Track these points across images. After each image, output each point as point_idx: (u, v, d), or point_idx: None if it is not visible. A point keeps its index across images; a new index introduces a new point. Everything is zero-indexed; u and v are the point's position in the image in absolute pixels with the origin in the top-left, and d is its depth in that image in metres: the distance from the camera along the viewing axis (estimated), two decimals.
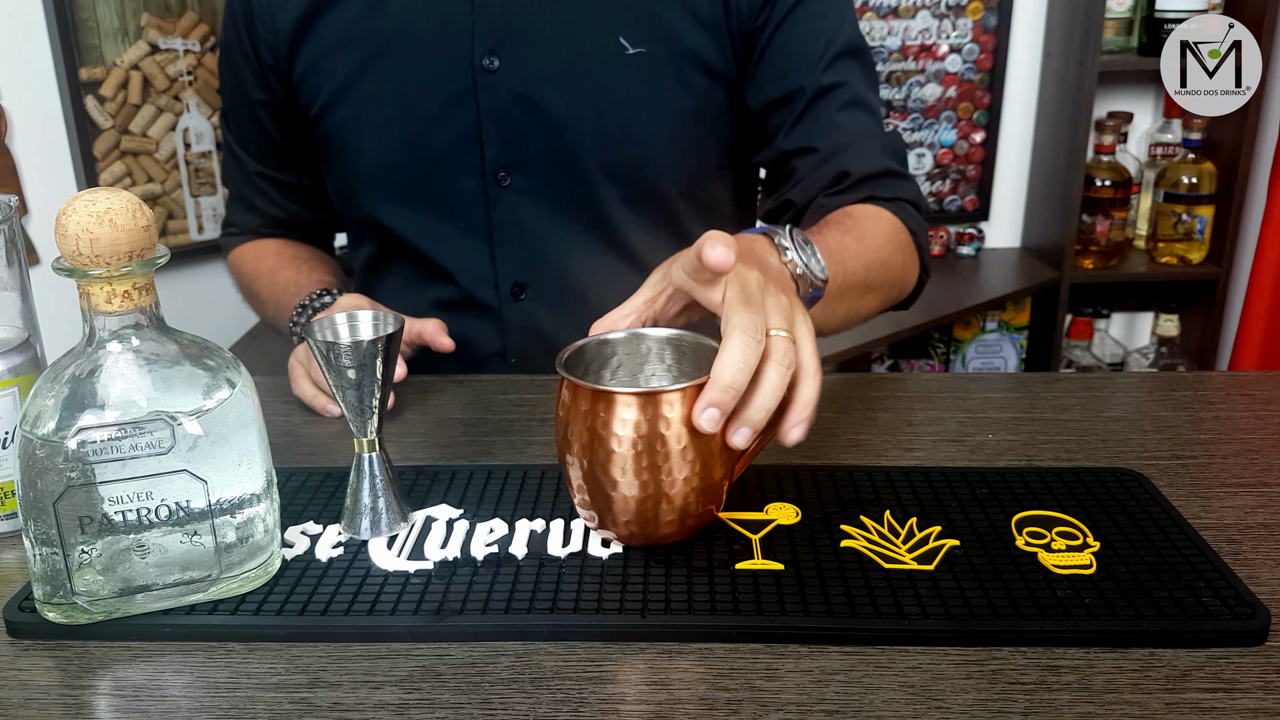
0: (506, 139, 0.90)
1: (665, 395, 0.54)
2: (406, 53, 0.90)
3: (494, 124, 0.90)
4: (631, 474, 0.54)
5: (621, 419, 0.54)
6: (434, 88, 0.90)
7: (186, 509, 0.53)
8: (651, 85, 0.90)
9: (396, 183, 0.94)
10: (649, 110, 0.90)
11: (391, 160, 0.93)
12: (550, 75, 0.89)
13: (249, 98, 0.98)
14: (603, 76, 0.89)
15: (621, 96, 0.90)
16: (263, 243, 1.07)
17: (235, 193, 1.07)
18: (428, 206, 0.94)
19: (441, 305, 0.97)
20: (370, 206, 0.96)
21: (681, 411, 0.54)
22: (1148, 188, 2.09)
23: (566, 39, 0.89)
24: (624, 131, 0.90)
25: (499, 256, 0.94)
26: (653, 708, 0.47)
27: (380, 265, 1.00)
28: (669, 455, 0.54)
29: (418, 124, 0.91)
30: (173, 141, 1.82)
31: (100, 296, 0.51)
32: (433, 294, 0.97)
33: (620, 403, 0.54)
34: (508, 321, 0.96)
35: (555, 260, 0.94)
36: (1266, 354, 1.93)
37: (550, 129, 0.90)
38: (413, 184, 0.93)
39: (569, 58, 0.89)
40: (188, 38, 1.81)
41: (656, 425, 0.54)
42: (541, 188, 0.92)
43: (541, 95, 0.89)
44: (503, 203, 0.92)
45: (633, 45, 0.89)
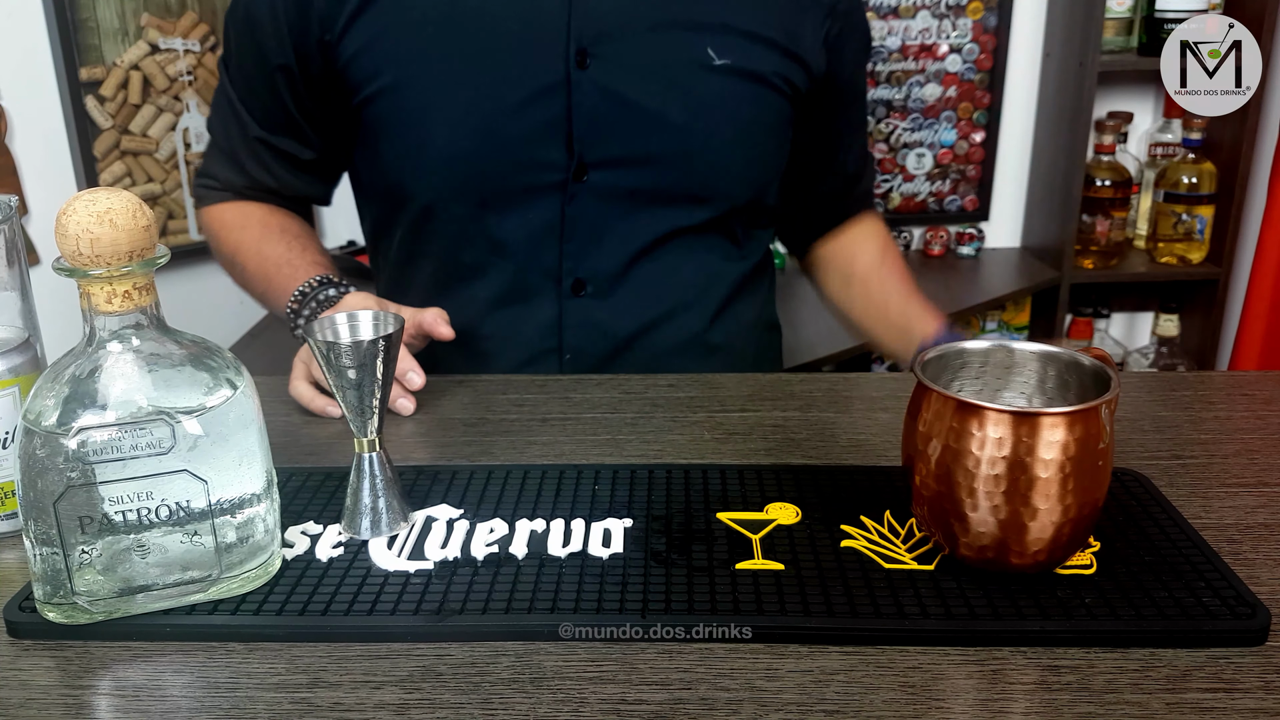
0: (594, 136, 0.91)
1: (1085, 414, 0.52)
2: (491, 42, 0.89)
3: (583, 120, 0.90)
4: (1056, 499, 0.52)
5: (1048, 441, 0.51)
6: (520, 80, 0.89)
7: (187, 509, 0.53)
8: (734, 96, 0.93)
9: (463, 173, 0.92)
10: (730, 120, 0.93)
11: (462, 150, 0.91)
12: (641, 75, 0.90)
13: (267, 61, 0.94)
14: (689, 81, 0.91)
15: (707, 104, 0.92)
16: (245, 206, 1.02)
17: (224, 149, 1.02)
18: (495, 198, 0.93)
19: (492, 300, 0.96)
20: (428, 195, 0.94)
21: (1096, 430, 0.52)
22: (1148, 188, 2.09)
23: (659, 42, 0.91)
24: (706, 139, 0.93)
25: (566, 252, 0.94)
26: (653, 708, 0.47)
27: (421, 254, 0.98)
28: (1096, 472, 0.53)
29: (497, 115, 0.90)
30: (173, 141, 1.82)
31: (100, 296, 0.51)
32: (484, 288, 0.96)
33: (1046, 424, 0.51)
34: (567, 318, 0.95)
35: (619, 258, 0.95)
36: (1266, 354, 1.92)
37: (638, 129, 0.91)
38: (482, 175, 0.92)
39: (660, 61, 0.91)
40: (188, 38, 1.81)
41: (1085, 445, 0.52)
42: (619, 186, 0.92)
43: (633, 95, 0.90)
44: (579, 199, 0.92)
45: (719, 57, 0.91)
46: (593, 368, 0.95)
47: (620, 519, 0.62)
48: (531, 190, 0.92)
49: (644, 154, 0.92)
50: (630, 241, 0.94)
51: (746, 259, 1.01)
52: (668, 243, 0.95)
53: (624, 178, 0.92)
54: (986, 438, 0.52)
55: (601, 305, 0.95)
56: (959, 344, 0.60)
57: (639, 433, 0.75)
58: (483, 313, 0.96)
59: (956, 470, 0.53)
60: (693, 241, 0.96)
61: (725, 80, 0.92)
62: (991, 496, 0.52)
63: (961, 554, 0.55)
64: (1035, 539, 0.53)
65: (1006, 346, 0.60)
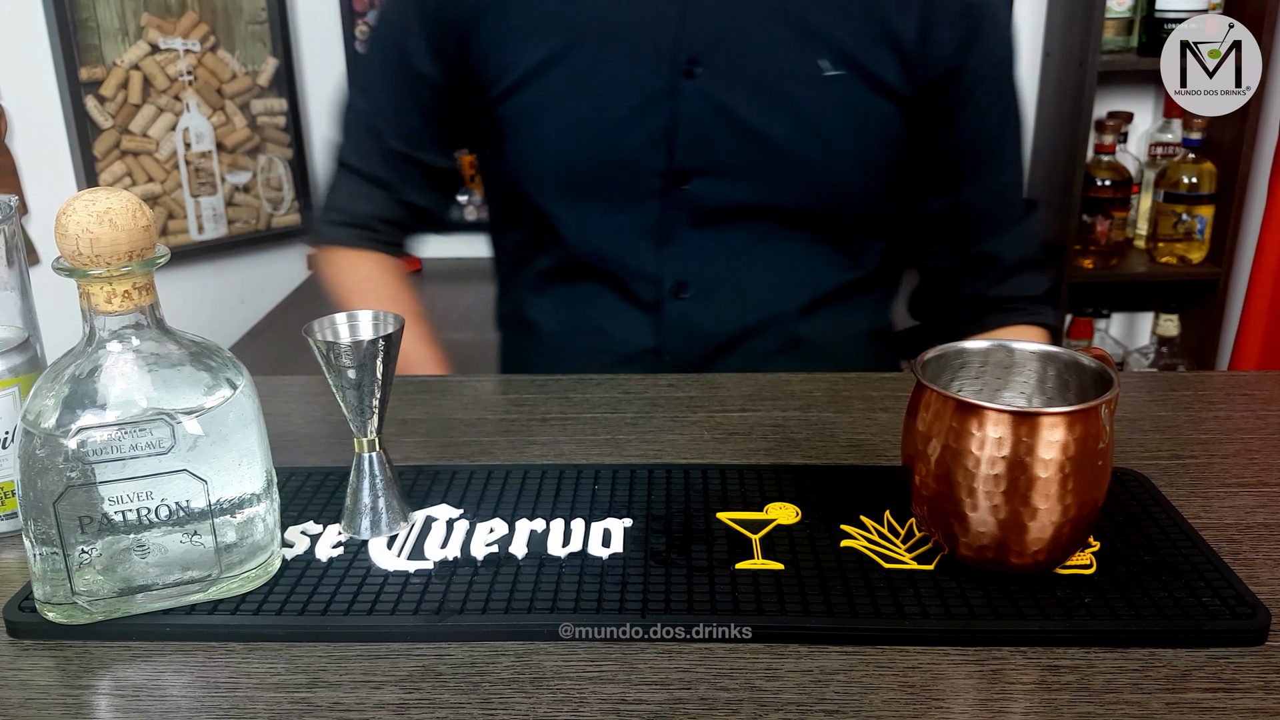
0: (698, 145, 0.91)
1: (1085, 414, 0.51)
2: (606, 47, 0.90)
3: (688, 129, 0.90)
4: (1055, 499, 0.52)
5: (1048, 441, 0.51)
6: (630, 87, 0.90)
7: (186, 509, 0.53)
8: (845, 109, 0.91)
9: (572, 177, 0.93)
10: (838, 133, 0.92)
11: (575, 155, 0.92)
12: (748, 87, 0.90)
13: (411, 68, 0.95)
14: (799, 95, 0.90)
15: (815, 117, 0.91)
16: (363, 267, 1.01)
17: (360, 173, 1.00)
18: (599, 201, 0.93)
19: (596, 299, 0.97)
20: (539, 195, 0.95)
21: (1095, 430, 0.52)
22: (1148, 188, 2.09)
23: (768, 53, 0.90)
24: (811, 150, 0.92)
25: (666, 255, 0.94)
26: (653, 708, 0.47)
27: (534, 251, 0.99)
28: (1095, 472, 0.52)
29: (608, 122, 0.91)
30: (173, 141, 1.82)
31: (100, 296, 0.51)
32: (588, 287, 0.97)
33: (1046, 424, 0.51)
34: (667, 319, 0.96)
35: (722, 262, 0.95)
36: (1266, 354, 1.92)
37: (742, 139, 0.91)
38: (590, 179, 0.93)
39: (768, 72, 0.90)
40: (188, 38, 1.81)
41: (1085, 445, 0.52)
42: (721, 193, 0.92)
43: (738, 106, 0.90)
44: (680, 204, 0.93)
45: (832, 67, 0.90)
46: (690, 369, 0.95)
47: (620, 519, 0.62)
48: (635, 195, 0.93)
49: (747, 166, 0.92)
50: (731, 247, 0.94)
51: (858, 268, 0.99)
52: (770, 249, 0.95)
53: (725, 187, 0.92)
54: (986, 438, 0.52)
55: (702, 308, 0.95)
56: (959, 344, 0.60)
57: (639, 433, 0.75)
58: (585, 311, 0.97)
59: (956, 470, 0.53)
60: (797, 248, 0.96)
61: (835, 92, 0.90)
62: (991, 496, 0.52)
63: (961, 554, 0.55)
64: (1035, 539, 0.53)
65: (1006, 346, 0.60)
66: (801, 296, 0.97)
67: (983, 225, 0.99)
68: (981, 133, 0.97)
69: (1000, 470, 0.52)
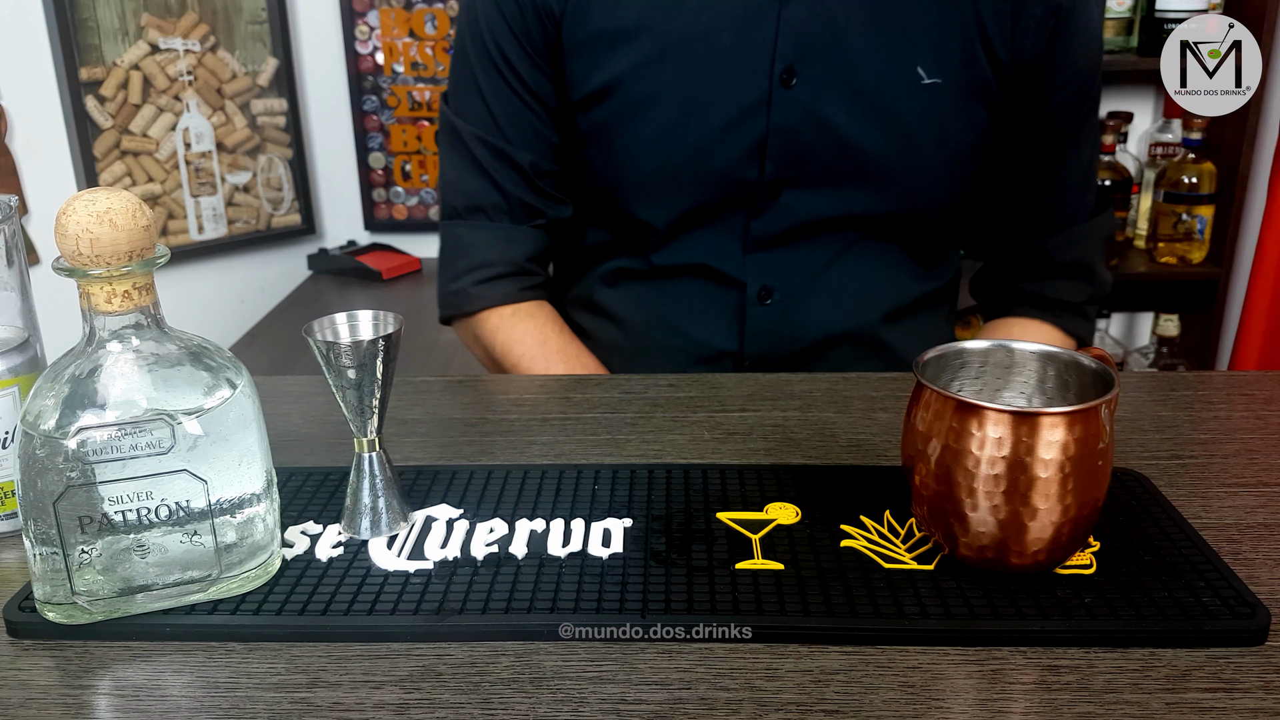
0: (789, 155, 0.90)
1: (1085, 414, 0.51)
2: (700, 56, 0.88)
3: (780, 139, 0.89)
4: (1055, 498, 0.52)
5: (1048, 441, 0.51)
6: (728, 97, 0.89)
7: (186, 509, 0.53)
8: (941, 118, 0.90)
9: (665, 187, 0.92)
10: (934, 142, 0.91)
11: (665, 167, 0.90)
12: (844, 97, 0.89)
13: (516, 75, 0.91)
14: (896, 103, 0.89)
15: (911, 126, 0.90)
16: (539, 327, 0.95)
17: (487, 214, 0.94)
18: (690, 211, 0.93)
19: (680, 301, 0.96)
20: (627, 203, 0.94)
21: (1094, 430, 0.52)
22: (1148, 188, 2.09)
23: (866, 62, 0.88)
24: (907, 161, 0.91)
25: (752, 261, 0.94)
26: (653, 708, 0.47)
27: (614, 252, 0.98)
28: (1095, 472, 0.52)
29: (705, 133, 0.89)
30: (173, 141, 1.82)
31: (100, 296, 0.51)
32: (672, 290, 0.96)
33: (1046, 424, 0.51)
34: (750, 323, 0.95)
35: (809, 269, 0.94)
36: (1266, 354, 1.92)
37: (835, 150, 0.90)
38: (682, 190, 0.92)
39: (865, 81, 0.89)
40: (188, 38, 1.81)
41: (1085, 445, 0.52)
42: (811, 205, 0.92)
43: (833, 116, 0.89)
44: (769, 213, 0.92)
45: (929, 75, 0.89)
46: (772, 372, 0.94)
47: (620, 519, 0.62)
48: (725, 205, 0.92)
49: (838, 177, 0.91)
50: (817, 255, 0.94)
51: (934, 279, 0.99)
52: (854, 258, 0.95)
53: (816, 199, 0.91)
54: (986, 438, 0.52)
55: (785, 314, 0.95)
56: (959, 344, 0.60)
57: (639, 433, 0.75)
58: (665, 310, 0.97)
59: (956, 470, 0.53)
60: (880, 258, 0.95)
61: (934, 100, 0.89)
62: (991, 496, 0.52)
63: (961, 554, 0.55)
64: (1035, 539, 0.53)
65: (1006, 346, 0.60)
66: (883, 306, 0.97)
67: (1044, 221, 0.99)
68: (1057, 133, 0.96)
69: (1000, 470, 0.52)
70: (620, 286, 0.99)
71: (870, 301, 0.97)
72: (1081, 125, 0.97)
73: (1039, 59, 0.91)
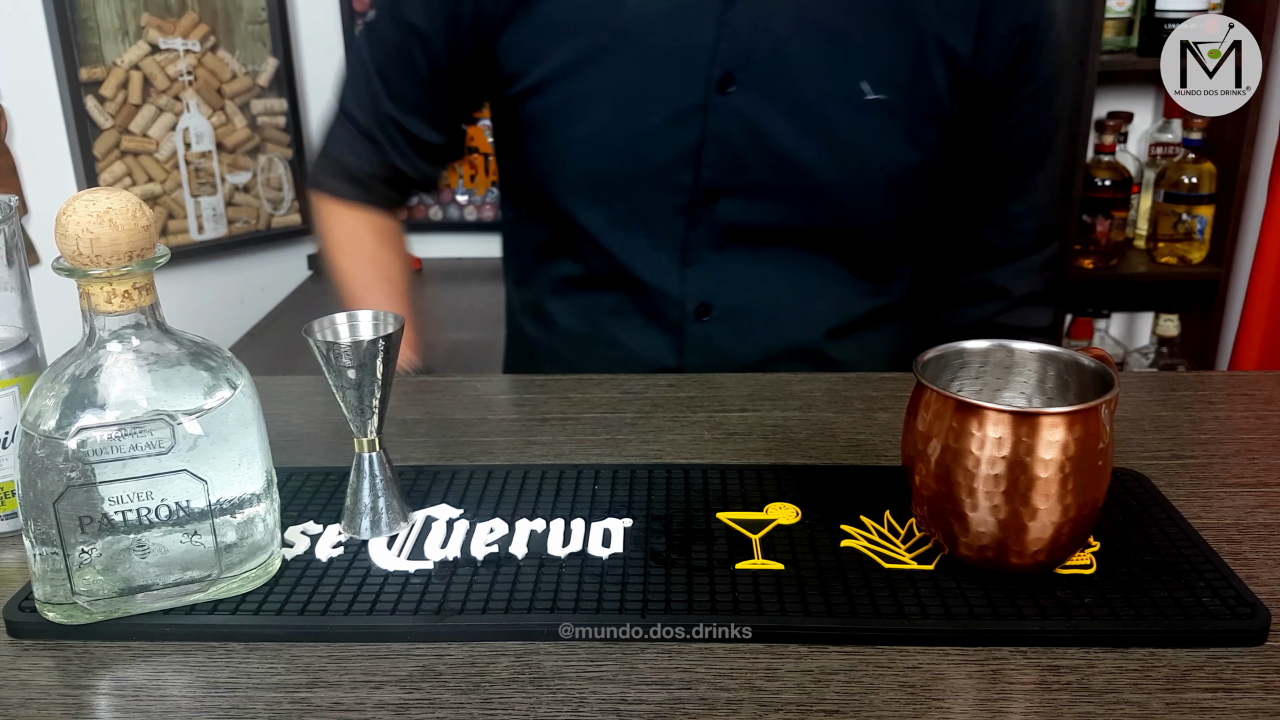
0: (726, 164, 0.88)
1: (1085, 414, 0.51)
2: (639, 55, 0.87)
3: (716, 147, 0.88)
4: (1055, 498, 0.52)
5: (1048, 441, 0.51)
6: (662, 100, 0.87)
7: (186, 509, 0.53)
8: (884, 134, 0.88)
9: (599, 185, 0.91)
10: (877, 157, 0.89)
11: (601, 163, 0.90)
12: (783, 108, 0.87)
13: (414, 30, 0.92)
14: (836, 118, 0.87)
15: (852, 142, 0.88)
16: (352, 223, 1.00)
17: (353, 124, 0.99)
18: (626, 215, 0.92)
19: (616, 312, 0.95)
20: (564, 200, 0.93)
21: (1094, 430, 0.52)
22: (1148, 188, 2.09)
23: (808, 74, 0.86)
24: (847, 177, 0.89)
25: (689, 276, 0.92)
26: (653, 708, 0.47)
27: (556, 254, 0.97)
28: (1094, 472, 0.52)
29: (638, 135, 0.88)
30: (173, 141, 1.82)
31: (100, 296, 0.51)
32: (609, 298, 0.95)
33: (1046, 424, 0.51)
34: (689, 340, 0.94)
35: (746, 285, 0.93)
36: (1266, 354, 1.92)
37: (773, 161, 0.88)
38: (616, 191, 0.91)
39: (806, 94, 0.87)
40: (188, 38, 1.81)
41: (1085, 445, 0.52)
42: (747, 216, 0.90)
43: (771, 126, 0.87)
44: (704, 224, 0.90)
45: (873, 91, 0.86)
46: None
47: (620, 519, 0.62)
48: (661, 210, 0.91)
49: (775, 189, 0.89)
50: (757, 270, 0.92)
51: (885, 294, 0.97)
52: (797, 274, 0.93)
53: (752, 210, 0.90)
54: (986, 438, 0.52)
55: (724, 332, 0.94)
56: (959, 344, 0.60)
57: (639, 433, 0.75)
58: (606, 324, 0.96)
59: (956, 470, 0.53)
60: (825, 273, 0.93)
61: (878, 117, 0.87)
62: (991, 496, 0.52)
63: (961, 554, 0.55)
64: (1035, 539, 0.53)
65: (1006, 346, 0.60)
66: (827, 322, 0.95)
67: (997, 251, 0.97)
68: (1012, 155, 0.94)
69: (1000, 470, 0.52)
70: (565, 297, 0.98)
71: (813, 319, 0.95)
72: (1043, 151, 0.95)
73: (1001, 77, 0.89)
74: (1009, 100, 0.91)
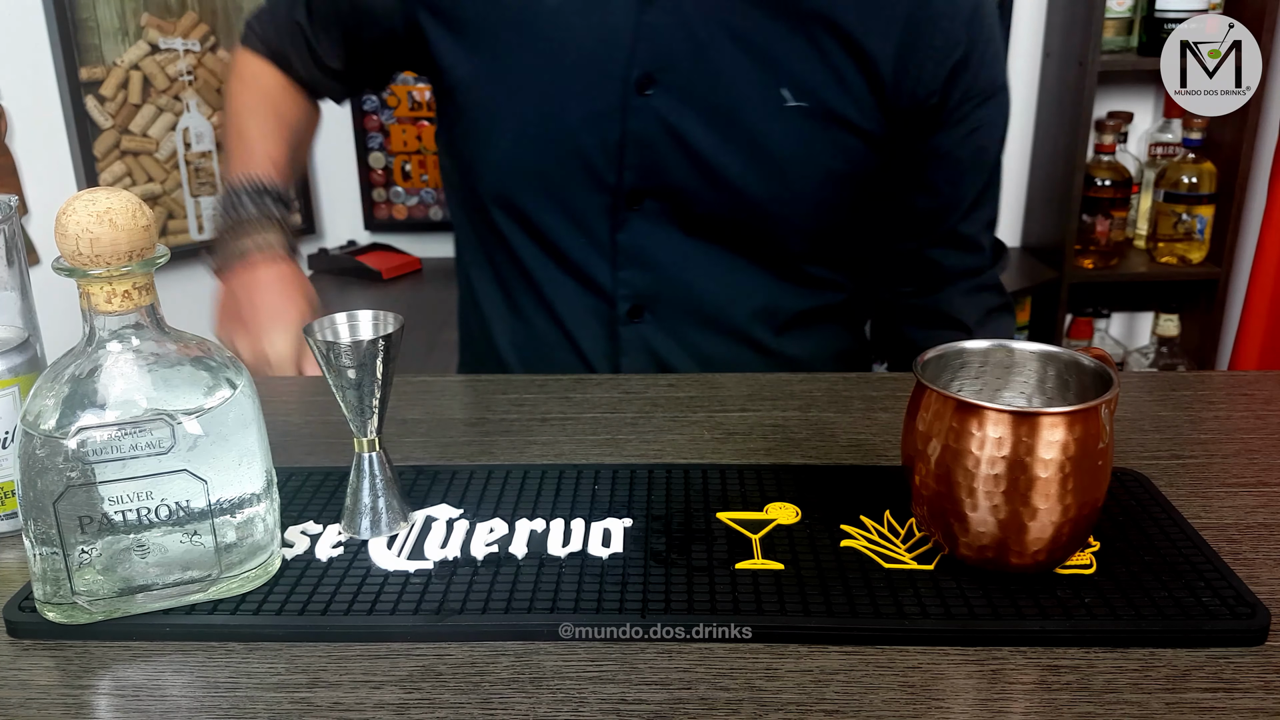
0: (647, 166, 0.88)
1: (1085, 414, 0.51)
2: (560, 53, 0.88)
3: (637, 149, 0.88)
4: (1055, 499, 0.52)
5: (1048, 441, 0.51)
6: (582, 98, 0.88)
7: (186, 509, 0.53)
8: (806, 142, 0.87)
9: (526, 177, 0.91)
10: (799, 166, 0.88)
11: (525, 155, 0.90)
12: (703, 113, 0.86)
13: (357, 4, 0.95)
14: (757, 125, 0.86)
15: (773, 148, 0.87)
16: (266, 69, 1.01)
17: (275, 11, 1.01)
18: (554, 208, 0.92)
19: (551, 313, 0.95)
20: (493, 188, 0.93)
21: (1094, 429, 0.52)
22: (1148, 188, 2.09)
23: (727, 80, 0.86)
24: (768, 182, 0.88)
25: (621, 278, 0.92)
26: (653, 708, 0.47)
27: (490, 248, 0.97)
28: (1095, 472, 0.52)
29: (559, 130, 0.89)
30: (173, 141, 1.82)
31: (100, 296, 0.51)
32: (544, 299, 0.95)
33: (1046, 424, 0.51)
34: (622, 342, 0.94)
35: (677, 287, 0.92)
36: (1266, 354, 1.93)
37: (694, 165, 0.88)
38: (541, 183, 0.91)
39: (725, 100, 0.86)
40: (188, 38, 1.81)
41: (1085, 445, 0.52)
42: (673, 217, 0.90)
43: (691, 130, 0.87)
44: (631, 226, 0.91)
45: (794, 98, 0.86)
46: None
47: (620, 519, 0.62)
48: (587, 208, 0.91)
49: (699, 195, 0.89)
50: (687, 271, 0.92)
51: (823, 295, 0.96)
52: (729, 275, 0.92)
53: (678, 212, 0.90)
54: (986, 438, 0.52)
55: (657, 332, 0.94)
56: (959, 344, 0.60)
57: (639, 433, 0.75)
58: (542, 326, 0.96)
59: (956, 470, 0.53)
60: (756, 275, 0.93)
61: (799, 124, 0.86)
62: (991, 496, 0.52)
63: (961, 554, 0.55)
64: (1035, 539, 0.53)
65: (1006, 346, 0.60)
66: (760, 323, 0.94)
67: (944, 274, 0.96)
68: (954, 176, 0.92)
69: (1000, 470, 0.52)
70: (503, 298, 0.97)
71: (747, 320, 0.94)
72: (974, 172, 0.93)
73: (930, 95, 0.87)
74: (949, 120, 0.89)
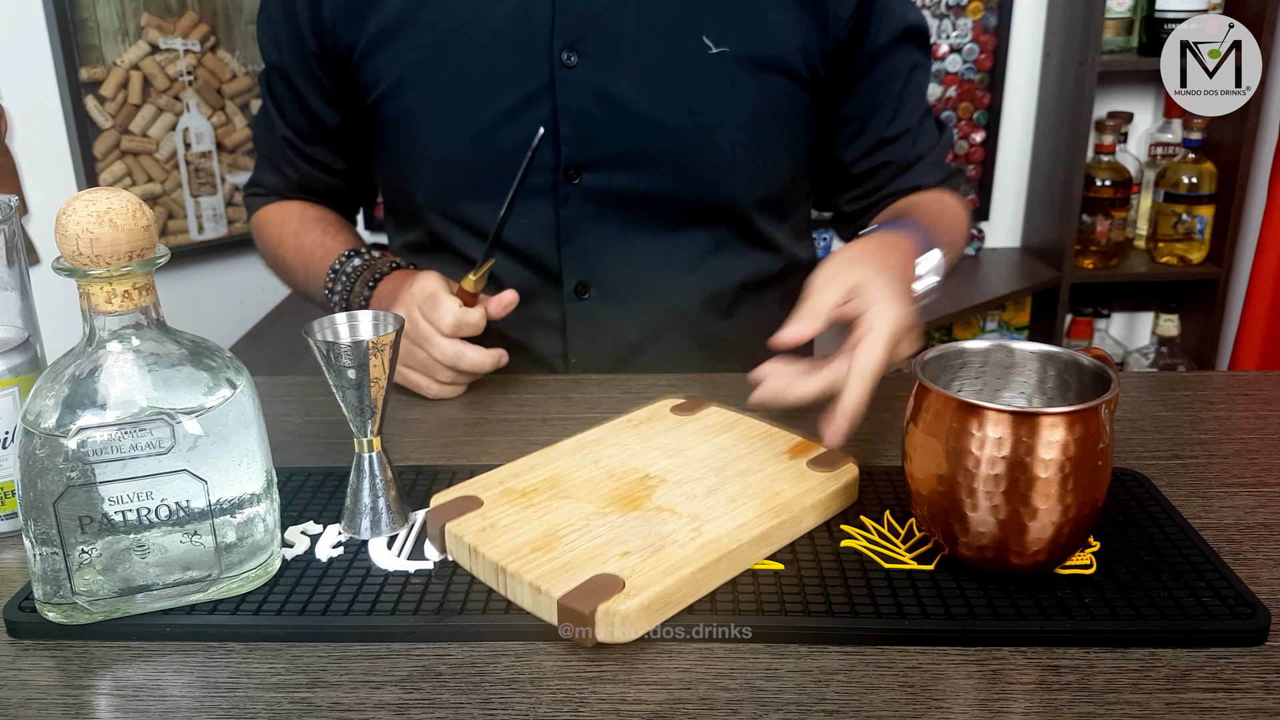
0: (583, 137, 0.88)
1: (1085, 414, 0.51)
2: (479, 43, 0.88)
3: (571, 121, 0.88)
4: (1055, 499, 0.52)
5: (1048, 441, 0.51)
6: (509, 81, 0.88)
7: (186, 509, 0.53)
8: (733, 87, 0.88)
9: (459, 177, 0.91)
10: (730, 112, 0.89)
11: (455, 153, 0.90)
12: (631, 73, 0.87)
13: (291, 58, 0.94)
14: (685, 77, 0.87)
15: (703, 98, 0.88)
16: (287, 205, 1.04)
17: (265, 154, 1.04)
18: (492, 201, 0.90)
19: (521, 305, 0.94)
20: (427, 196, 0.93)
21: (1096, 430, 0.52)
22: (1148, 188, 2.09)
23: (649, 36, 0.87)
24: (704, 133, 0.89)
25: (565, 254, 0.92)
26: (653, 708, 0.47)
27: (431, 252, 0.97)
28: (1096, 471, 0.53)
29: (488, 118, 0.89)
30: (173, 141, 1.82)
31: (100, 296, 0.51)
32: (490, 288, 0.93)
33: (1046, 424, 0.51)
34: (570, 320, 0.94)
35: (622, 260, 0.93)
36: (1266, 354, 1.93)
37: (629, 128, 0.88)
38: (477, 179, 0.91)
39: (651, 56, 0.87)
40: (188, 38, 1.81)
41: (1085, 445, 0.52)
42: (614, 186, 0.90)
43: (622, 93, 0.87)
44: (572, 201, 0.91)
45: (716, 45, 0.87)
46: (598, 372, 0.94)
47: None
48: (525, 193, 0.89)
49: (637, 156, 0.89)
50: (632, 243, 0.92)
51: (770, 258, 0.97)
52: (673, 243, 0.93)
53: (618, 179, 0.90)
54: (986, 438, 0.52)
55: (606, 309, 0.94)
56: (959, 344, 0.60)
57: None
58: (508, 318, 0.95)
59: (956, 470, 0.53)
60: (702, 241, 0.93)
61: (725, 70, 0.87)
62: (991, 496, 0.52)
63: (961, 554, 0.55)
64: (1035, 539, 0.53)
65: (1006, 346, 0.60)
66: (710, 292, 0.95)
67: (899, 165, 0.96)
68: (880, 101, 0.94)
69: (1000, 470, 0.52)
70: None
71: (695, 289, 0.95)
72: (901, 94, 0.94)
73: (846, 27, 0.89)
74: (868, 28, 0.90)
